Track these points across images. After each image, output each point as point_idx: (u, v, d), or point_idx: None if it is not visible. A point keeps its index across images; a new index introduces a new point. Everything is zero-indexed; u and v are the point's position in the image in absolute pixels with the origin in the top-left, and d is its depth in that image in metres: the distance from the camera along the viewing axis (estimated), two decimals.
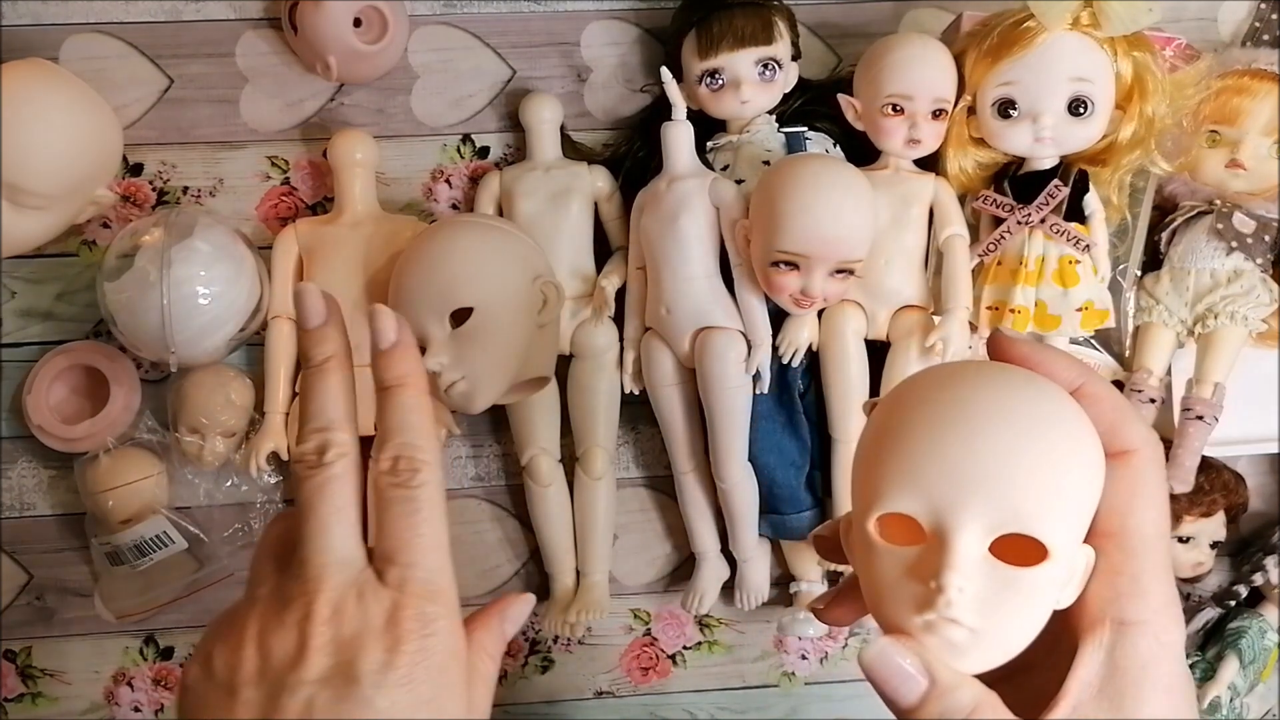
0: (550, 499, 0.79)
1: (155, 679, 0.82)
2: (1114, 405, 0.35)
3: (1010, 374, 0.35)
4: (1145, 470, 0.34)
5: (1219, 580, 0.86)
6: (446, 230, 0.71)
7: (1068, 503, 0.33)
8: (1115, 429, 0.34)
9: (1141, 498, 0.34)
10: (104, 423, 0.77)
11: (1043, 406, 0.34)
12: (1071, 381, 0.35)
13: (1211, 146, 0.78)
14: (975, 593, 0.33)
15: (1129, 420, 0.34)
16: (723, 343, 0.74)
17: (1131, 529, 0.34)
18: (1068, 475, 0.33)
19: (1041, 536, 0.33)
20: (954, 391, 0.35)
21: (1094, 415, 0.35)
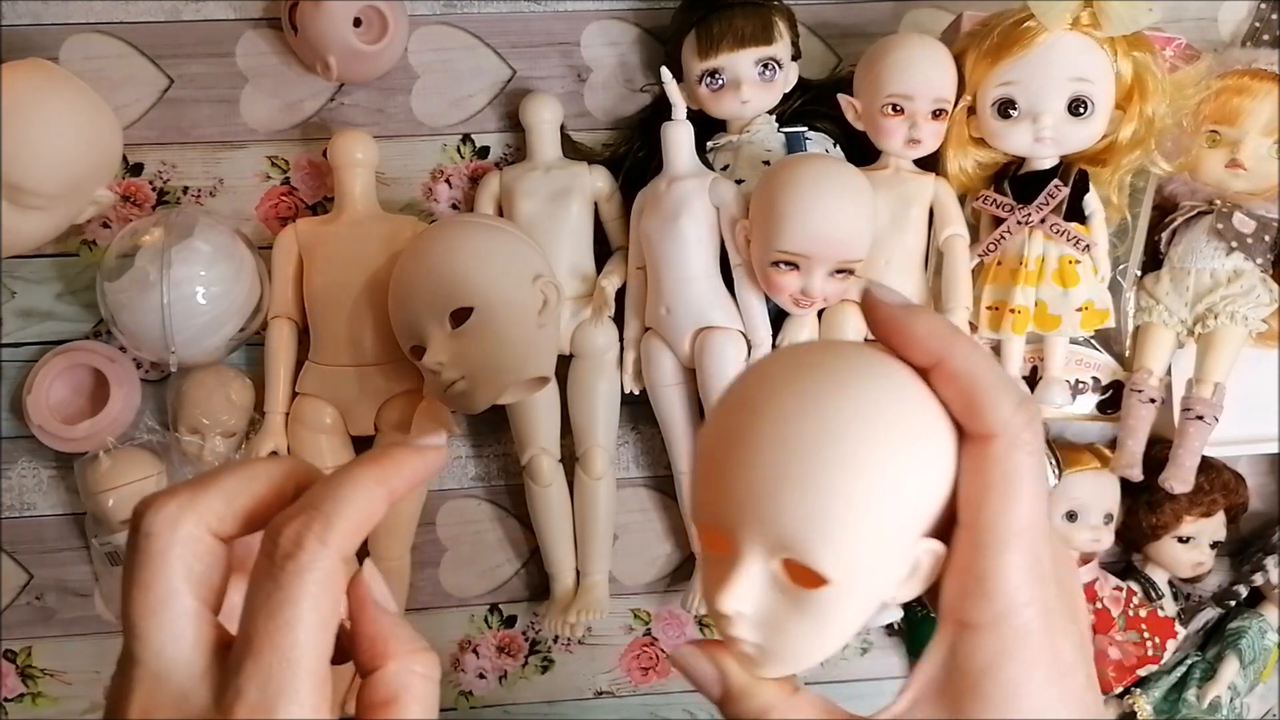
0: (550, 499, 0.79)
1: None
2: (973, 384, 0.30)
3: (822, 369, 0.31)
4: (1002, 459, 0.30)
5: (1219, 580, 0.86)
6: (446, 230, 0.71)
7: (854, 523, 0.30)
8: (972, 411, 0.31)
9: (995, 489, 0.30)
10: (104, 423, 0.77)
11: (840, 411, 0.30)
12: (927, 356, 0.31)
13: (1211, 146, 0.78)
14: (758, 614, 0.31)
15: (988, 402, 0.30)
16: (723, 343, 0.74)
17: (982, 524, 0.30)
18: (853, 494, 0.30)
19: (815, 564, 0.30)
20: (751, 398, 0.32)
21: (950, 395, 0.31)
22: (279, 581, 0.28)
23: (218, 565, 0.31)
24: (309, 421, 0.77)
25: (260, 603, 0.28)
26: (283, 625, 0.28)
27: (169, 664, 0.29)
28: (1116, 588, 0.81)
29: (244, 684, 0.28)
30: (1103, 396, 0.80)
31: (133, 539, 0.30)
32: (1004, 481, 0.30)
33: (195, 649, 0.29)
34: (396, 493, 0.31)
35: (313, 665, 0.29)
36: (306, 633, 0.28)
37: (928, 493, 0.31)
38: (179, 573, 0.30)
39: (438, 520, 0.83)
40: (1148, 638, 0.80)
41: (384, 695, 0.31)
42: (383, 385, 0.77)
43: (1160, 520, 0.80)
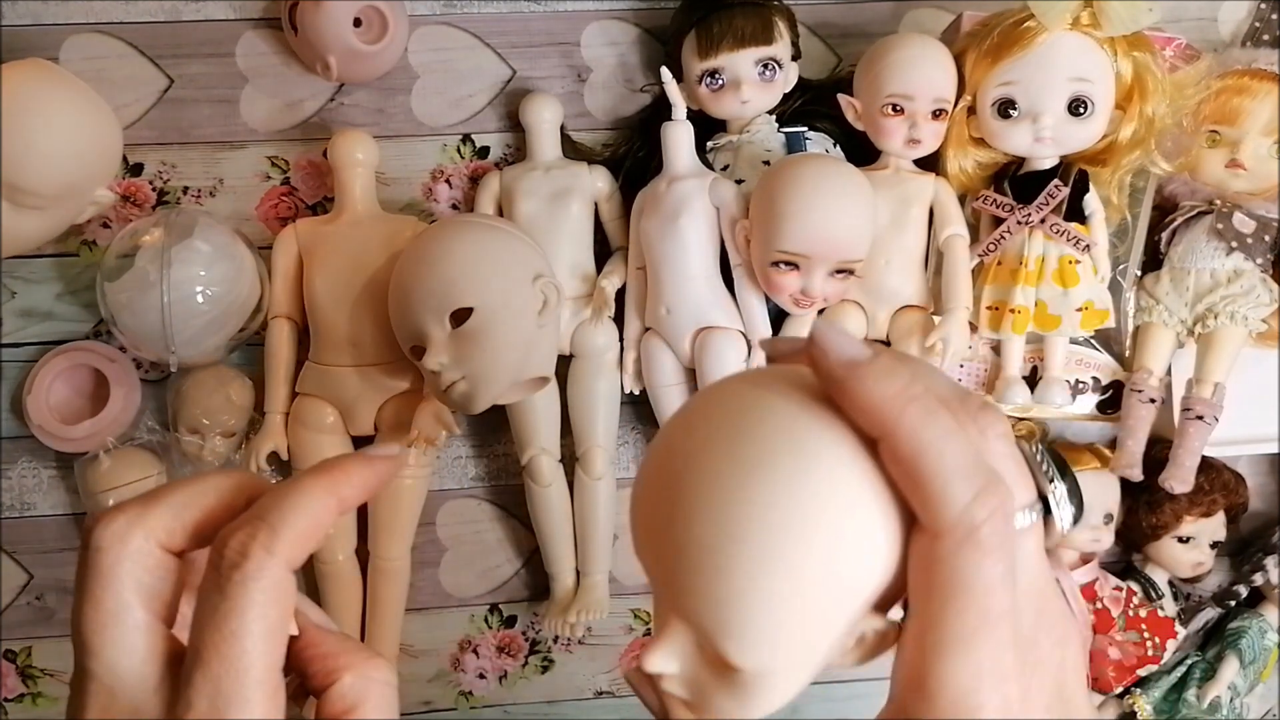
0: (550, 499, 0.79)
1: None
2: (919, 471, 0.27)
3: (743, 436, 0.28)
4: (948, 559, 0.27)
5: (1219, 580, 0.86)
6: (446, 230, 0.71)
7: (770, 615, 0.27)
8: (917, 501, 0.27)
9: (940, 590, 0.27)
10: (104, 423, 0.77)
11: (756, 496, 0.27)
12: (872, 427, 0.27)
13: (1211, 146, 0.78)
14: (686, 675, 0.29)
15: (935, 494, 0.27)
16: (723, 343, 0.74)
17: (927, 623, 0.27)
18: (768, 587, 0.26)
19: (725, 655, 0.28)
20: (670, 464, 0.29)
21: (896, 477, 0.27)
22: (225, 592, 0.28)
23: (168, 578, 0.31)
24: (309, 421, 0.77)
25: (208, 614, 0.28)
26: (229, 635, 0.28)
27: (122, 677, 0.29)
28: (1116, 588, 0.81)
29: (194, 696, 0.28)
30: (1103, 396, 0.80)
31: (82, 554, 0.30)
32: (950, 583, 0.27)
33: (147, 662, 0.29)
34: (346, 502, 0.31)
35: (262, 674, 0.28)
36: (254, 642, 0.28)
37: (859, 577, 0.28)
38: (129, 587, 0.29)
39: (438, 520, 0.83)
40: (1148, 638, 0.80)
41: (343, 706, 0.30)
42: (383, 385, 0.77)
43: (1160, 520, 0.80)
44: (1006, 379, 0.76)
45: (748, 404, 0.29)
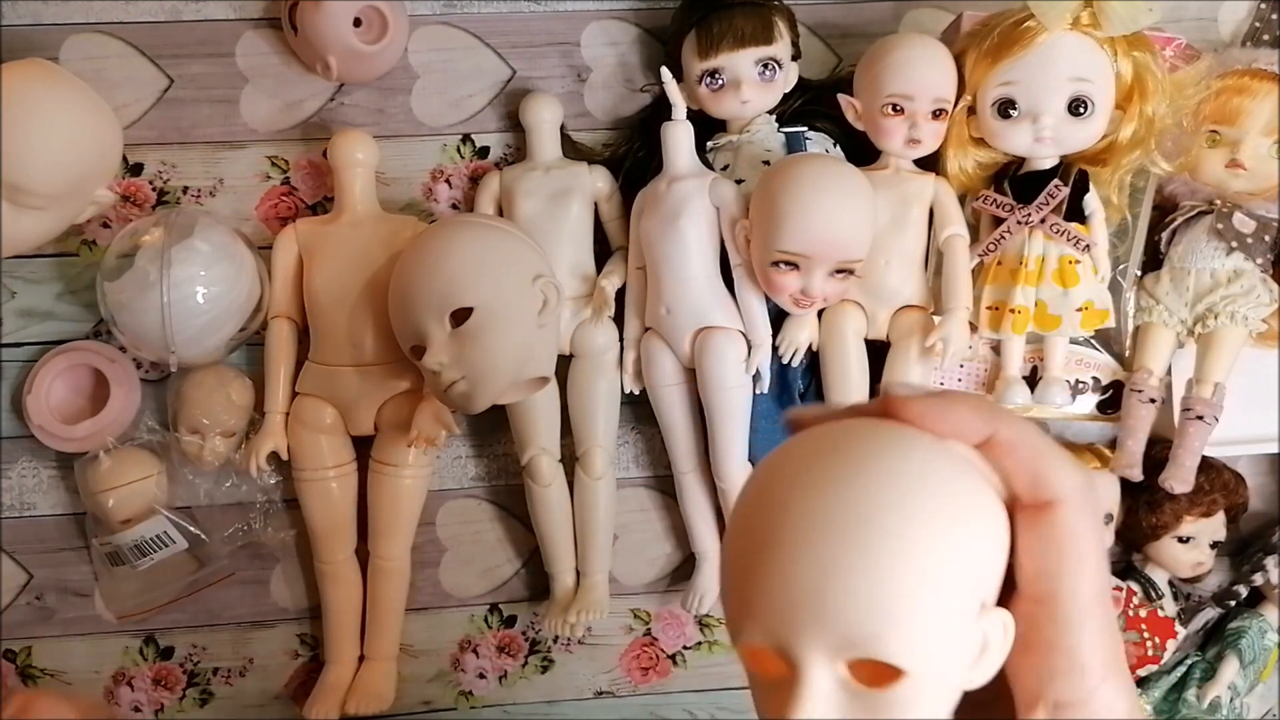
0: (550, 499, 0.79)
1: (155, 679, 0.82)
2: (1031, 452, 0.30)
3: (846, 452, 0.30)
4: (1072, 524, 0.29)
5: (1219, 580, 0.86)
6: (446, 230, 0.71)
7: (924, 608, 0.28)
8: (1035, 479, 0.30)
9: (1070, 557, 0.29)
10: (104, 423, 0.77)
11: (880, 491, 0.29)
12: (978, 433, 0.30)
13: (1211, 146, 0.78)
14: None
15: (1049, 467, 0.30)
16: (723, 343, 0.74)
17: (1063, 595, 0.29)
18: (911, 576, 0.28)
19: (889, 658, 0.28)
20: (777, 493, 0.30)
21: (1009, 466, 0.30)
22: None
23: None
24: (309, 421, 0.77)
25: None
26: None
27: None
28: (1116, 588, 0.81)
29: None
30: (1103, 396, 0.80)
31: None
32: (1075, 549, 0.29)
33: None
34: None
35: None
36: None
37: (984, 565, 0.30)
38: None
39: (438, 520, 0.83)
40: (1148, 638, 0.80)
41: None
42: (383, 385, 0.77)
43: (1160, 520, 0.80)
44: (1006, 379, 0.76)
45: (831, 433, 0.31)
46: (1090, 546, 0.30)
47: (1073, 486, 0.30)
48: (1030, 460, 0.30)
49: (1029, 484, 0.30)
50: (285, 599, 0.82)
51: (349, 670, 0.79)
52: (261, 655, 0.83)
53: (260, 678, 0.83)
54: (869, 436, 0.30)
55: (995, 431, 0.30)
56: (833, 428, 0.32)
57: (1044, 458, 0.30)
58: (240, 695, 0.83)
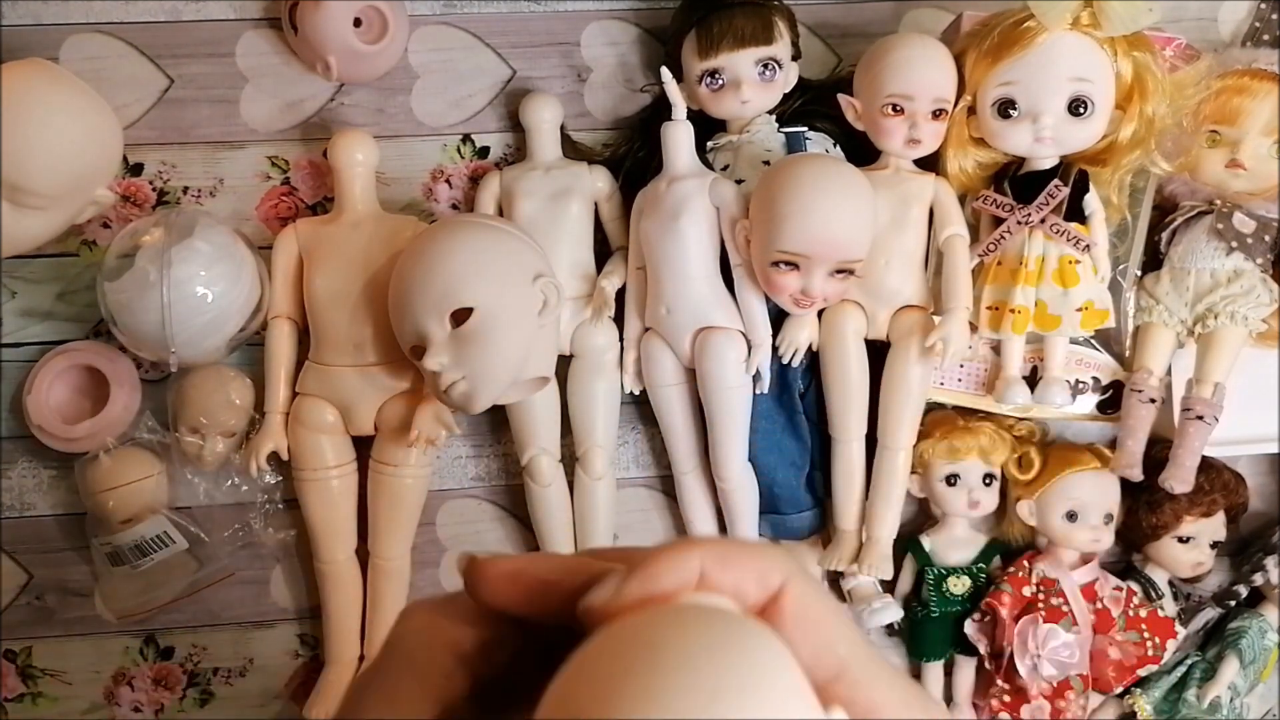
0: (550, 499, 0.79)
1: (155, 679, 0.82)
2: (729, 564, 0.27)
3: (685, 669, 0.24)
4: (802, 599, 0.27)
5: (1219, 580, 0.86)
6: (446, 230, 0.71)
7: None
8: (758, 578, 0.28)
9: (822, 628, 0.28)
10: (104, 423, 0.77)
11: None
12: (688, 582, 0.27)
13: (1211, 146, 0.78)
14: None
15: (757, 563, 0.28)
16: (723, 343, 0.74)
17: (848, 664, 0.28)
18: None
19: None
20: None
21: (730, 582, 0.27)
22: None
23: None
24: (309, 421, 0.77)
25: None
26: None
27: None
28: (1116, 588, 0.81)
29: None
30: (1103, 396, 0.80)
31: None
32: (819, 617, 0.28)
33: None
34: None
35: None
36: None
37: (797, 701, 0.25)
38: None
39: (438, 520, 0.83)
40: (1148, 638, 0.80)
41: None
42: (383, 385, 0.77)
43: (1160, 520, 0.80)
44: (1006, 379, 0.76)
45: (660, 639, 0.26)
46: (827, 610, 0.28)
47: (782, 566, 0.28)
48: (740, 566, 0.28)
49: (755, 585, 0.28)
50: (285, 599, 0.82)
51: (349, 670, 0.79)
52: (261, 655, 0.83)
53: (260, 678, 0.83)
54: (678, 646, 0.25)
55: (706, 570, 0.27)
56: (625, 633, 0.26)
57: (747, 558, 0.28)
58: (240, 695, 0.83)
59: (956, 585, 0.81)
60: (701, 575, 0.27)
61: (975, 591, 0.82)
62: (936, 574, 0.81)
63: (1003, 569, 0.82)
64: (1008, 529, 0.83)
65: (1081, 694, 0.79)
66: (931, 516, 0.83)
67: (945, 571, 0.82)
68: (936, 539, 0.82)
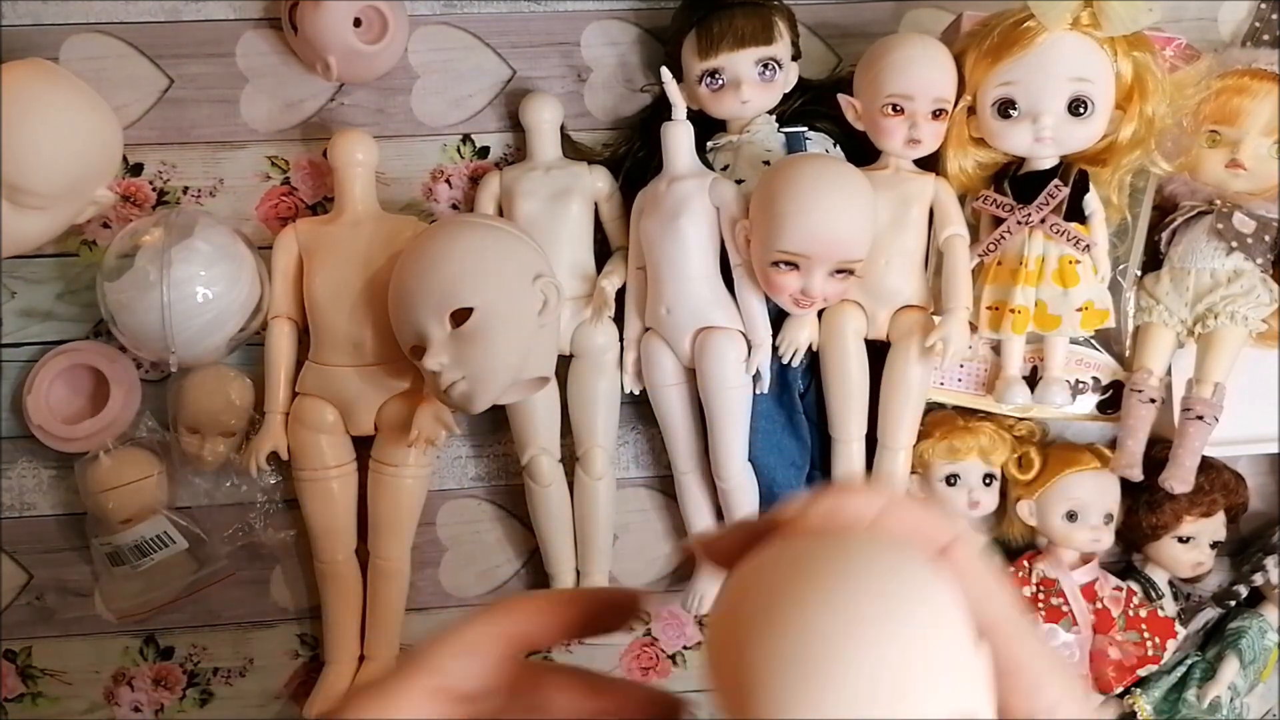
0: (550, 499, 0.79)
1: (155, 679, 0.82)
2: (915, 509, 0.32)
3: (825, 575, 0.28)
4: (968, 558, 0.31)
5: (1219, 580, 0.86)
6: (446, 230, 0.71)
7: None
8: (930, 531, 0.31)
9: (982, 583, 0.30)
10: (104, 423, 0.77)
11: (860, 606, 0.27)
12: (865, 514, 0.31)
13: (1211, 146, 0.78)
14: None
15: (932, 518, 0.31)
16: (723, 343, 0.74)
17: (1000, 619, 0.30)
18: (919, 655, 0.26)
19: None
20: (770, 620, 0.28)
21: (902, 528, 0.31)
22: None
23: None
24: (309, 421, 0.77)
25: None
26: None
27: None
28: (1116, 588, 0.81)
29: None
30: (1103, 396, 0.80)
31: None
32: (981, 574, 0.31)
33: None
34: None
35: None
36: None
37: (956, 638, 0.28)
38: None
39: (438, 520, 0.83)
40: (1148, 638, 0.80)
41: None
42: (383, 385, 0.77)
43: (1160, 520, 0.80)
44: (1006, 379, 0.76)
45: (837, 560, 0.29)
46: (988, 569, 0.31)
47: (951, 525, 0.31)
48: (914, 518, 0.31)
49: (924, 539, 0.31)
50: (285, 599, 0.82)
51: (349, 670, 0.79)
52: (261, 655, 0.83)
53: (260, 678, 0.83)
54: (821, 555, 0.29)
55: (886, 506, 0.31)
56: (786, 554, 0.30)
57: (925, 511, 0.32)
58: (240, 695, 0.83)
59: None
60: (879, 514, 0.31)
61: None
62: None
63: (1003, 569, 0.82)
64: (1008, 529, 0.83)
65: None
66: None
67: None
68: None
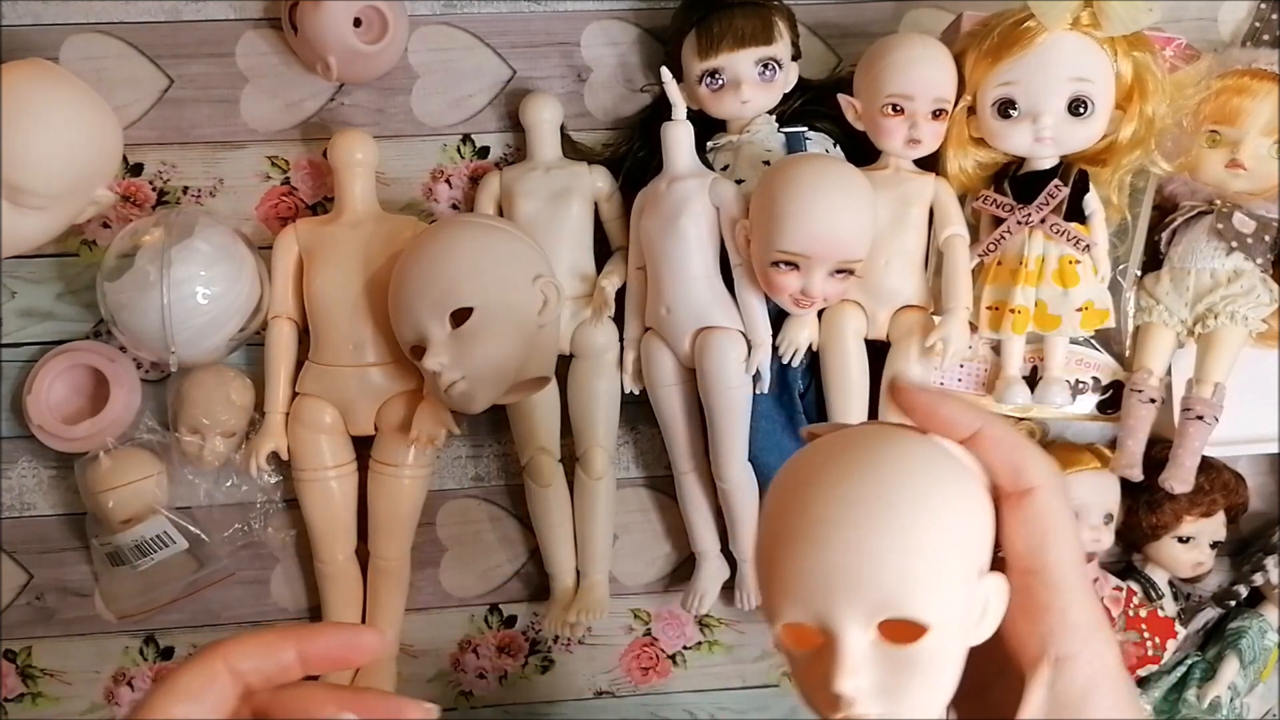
0: (550, 499, 0.79)
1: (155, 679, 0.82)
2: (1012, 446, 0.36)
3: (873, 451, 0.35)
4: (1051, 504, 0.35)
5: (1219, 580, 0.86)
6: (446, 230, 0.71)
7: (938, 570, 0.33)
8: (1017, 469, 0.35)
9: (1053, 533, 0.35)
10: (104, 423, 0.77)
11: (903, 482, 0.34)
12: (968, 427, 0.36)
13: (1211, 146, 0.78)
14: (873, 683, 0.33)
15: (1028, 458, 0.35)
16: (723, 343, 0.74)
17: (1051, 565, 0.35)
18: (929, 546, 0.33)
19: (914, 616, 0.33)
20: (810, 488, 0.35)
21: (992, 459, 0.36)
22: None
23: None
24: (309, 421, 0.77)
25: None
26: None
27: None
28: (1116, 588, 0.81)
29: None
30: (1103, 396, 0.80)
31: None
32: (1056, 525, 0.35)
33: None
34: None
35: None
36: None
37: (980, 537, 0.35)
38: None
39: (438, 520, 0.83)
40: (1148, 638, 0.80)
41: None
42: (383, 385, 0.77)
43: (1160, 520, 0.80)
44: (1006, 379, 0.76)
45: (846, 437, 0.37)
46: (1067, 522, 0.35)
47: (1047, 473, 0.35)
48: (1011, 453, 0.35)
49: (1011, 474, 0.35)
50: (285, 599, 0.83)
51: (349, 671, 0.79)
52: None
53: None
54: (879, 437, 0.36)
55: (981, 428, 0.36)
56: (847, 432, 0.37)
57: (1022, 451, 0.35)
58: None
59: None
60: (975, 434, 0.36)
61: None
62: None
63: None
64: None
65: None
66: None
67: None
68: None
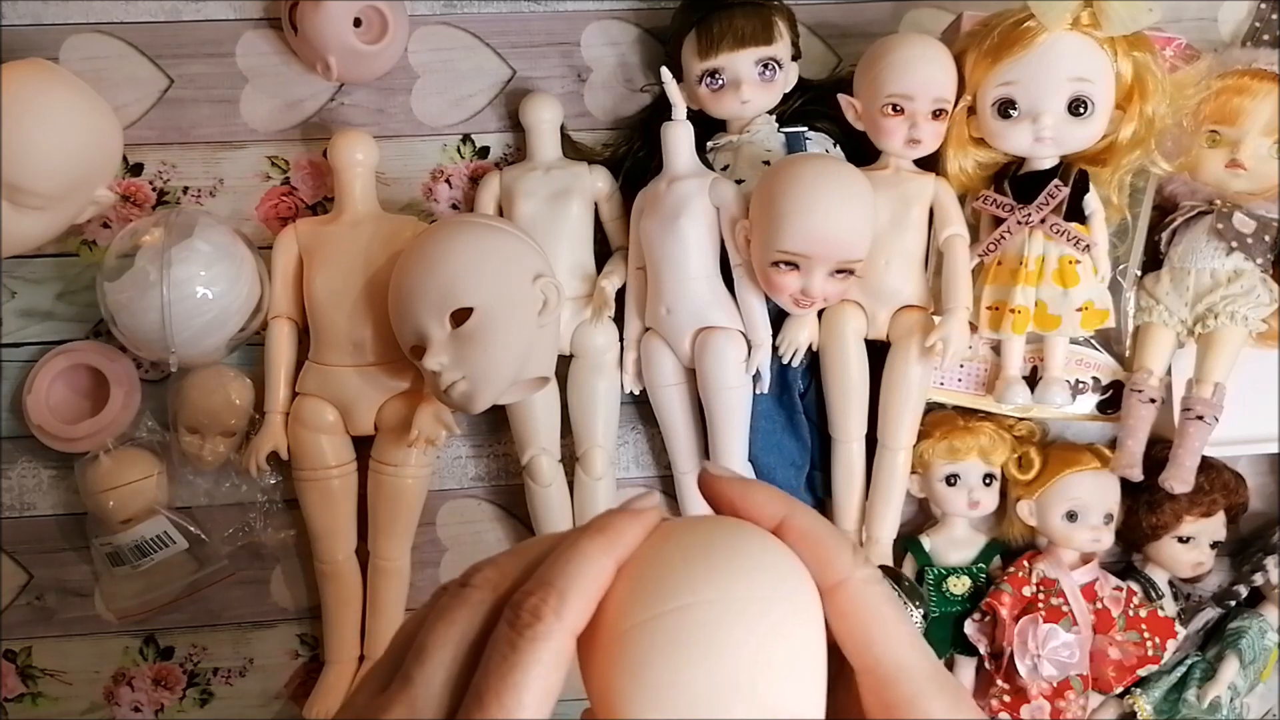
0: (550, 499, 0.79)
1: (155, 679, 0.82)
2: (818, 537, 0.34)
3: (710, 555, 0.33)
4: (864, 595, 0.33)
5: (1219, 580, 0.86)
6: (446, 230, 0.71)
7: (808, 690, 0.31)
8: (824, 562, 0.33)
9: (875, 625, 0.32)
10: (104, 423, 0.77)
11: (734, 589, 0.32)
12: (772, 517, 0.34)
13: (1211, 146, 0.78)
14: None
15: (833, 549, 0.33)
16: (723, 343, 0.74)
17: (883, 660, 0.32)
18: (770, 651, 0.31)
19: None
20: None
21: (800, 550, 0.33)
22: (516, 647, 0.31)
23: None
24: (309, 421, 0.77)
25: (495, 664, 0.31)
26: (511, 686, 0.30)
27: (428, 697, 0.32)
28: (1116, 588, 0.81)
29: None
30: (1103, 396, 0.80)
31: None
32: (879, 616, 0.32)
33: (449, 690, 0.32)
34: (621, 559, 0.33)
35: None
36: (531, 697, 0.31)
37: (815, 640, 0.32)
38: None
39: (438, 520, 0.83)
40: (1148, 638, 0.80)
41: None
42: (383, 385, 0.77)
43: (1160, 520, 0.80)
44: (1006, 379, 0.76)
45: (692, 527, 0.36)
46: (889, 609, 0.33)
47: (855, 563, 0.33)
48: (816, 545, 0.33)
49: (818, 567, 0.33)
50: (285, 599, 0.83)
51: (349, 670, 0.79)
52: (261, 655, 0.83)
53: (260, 678, 0.83)
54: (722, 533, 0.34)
55: (785, 517, 0.34)
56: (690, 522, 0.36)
57: (827, 542, 0.33)
58: (240, 695, 0.83)
59: (956, 585, 0.82)
60: (780, 524, 0.34)
61: (975, 591, 0.82)
62: (936, 574, 0.82)
63: (1003, 569, 0.82)
64: (1008, 529, 0.83)
65: (1081, 694, 0.79)
66: (931, 516, 0.83)
67: (945, 571, 0.82)
68: (936, 539, 0.82)
